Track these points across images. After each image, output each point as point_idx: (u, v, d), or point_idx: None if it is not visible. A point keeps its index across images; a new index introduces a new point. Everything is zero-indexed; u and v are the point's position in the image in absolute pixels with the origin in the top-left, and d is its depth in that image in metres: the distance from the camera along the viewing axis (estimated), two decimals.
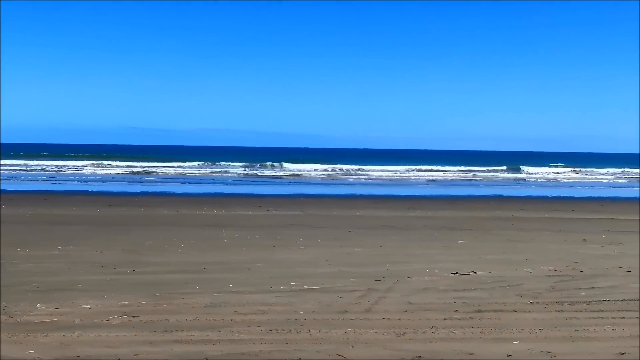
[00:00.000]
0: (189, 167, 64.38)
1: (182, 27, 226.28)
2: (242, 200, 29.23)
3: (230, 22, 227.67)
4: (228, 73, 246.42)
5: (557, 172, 69.67)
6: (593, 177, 64.39)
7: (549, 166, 79.43)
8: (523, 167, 72.50)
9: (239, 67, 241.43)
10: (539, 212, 25.07)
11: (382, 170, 64.06)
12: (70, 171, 57.28)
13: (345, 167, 66.86)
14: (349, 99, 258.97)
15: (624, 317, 8.75)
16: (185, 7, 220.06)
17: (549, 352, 7.20)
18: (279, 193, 34.97)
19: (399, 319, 8.54)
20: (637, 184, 52.55)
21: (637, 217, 23.21)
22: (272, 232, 17.25)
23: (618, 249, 15.32)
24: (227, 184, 43.55)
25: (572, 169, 74.62)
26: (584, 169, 74.68)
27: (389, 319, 8.56)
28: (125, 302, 9.31)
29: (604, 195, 37.32)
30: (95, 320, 8.33)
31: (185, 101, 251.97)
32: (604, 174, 67.50)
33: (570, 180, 58.30)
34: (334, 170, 63.59)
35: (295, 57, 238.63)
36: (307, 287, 10.51)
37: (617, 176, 65.00)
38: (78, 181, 43.15)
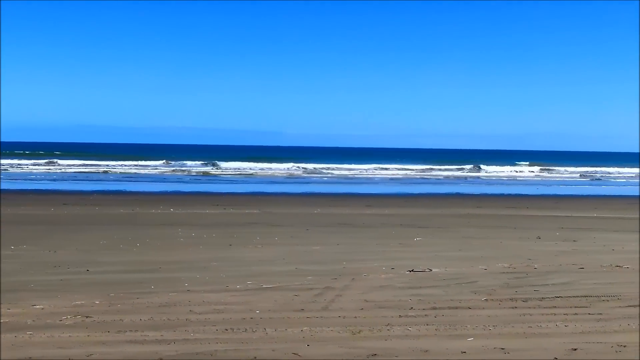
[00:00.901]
0: (147, 165, 63.82)
1: (146, 22, 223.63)
2: (200, 198, 29.10)
3: (190, 20, 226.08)
4: (191, 70, 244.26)
5: (517, 171, 70.20)
6: (557, 175, 65.02)
7: (514, 164, 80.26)
8: (483, 166, 72.99)
9: (202, 64, 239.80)
10: (495, 209, 25.32)
11: (342, 169, 64.17)
12: (23, 169, 56.40)
13: (305, 165, 66.80)
14: (310, 96, 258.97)
15: (576, 314, 8.86)
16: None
17: (503, 349, 7.26)
18: (237, 191, 34.85)
19: (355, 317, 8.55)
20: (601, 182, 53.42)
21: (592, 215, 23.58)
22: (229, 231, 17.17)
23: (572, 245, 15.52)
24: (184, 182, 43.25)
25: (539, 168, 74.91)
26: (553, 167, 75.17)
27: (345, 317, 8.57)
28: (79, 302, 9.20)
29: (560, 193, 37.85)
30: (47, 321, 8.21)
31: (148, 99, 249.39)
32: (570, 173, 68.11)
33: (529, 178, 58.95)
34: (295, 168, 63.48)
35: (256, 54, 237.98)
36: (264, 286, 10.48)
37: (582, 174, 65.75)
38: (32, 180, 42.56)
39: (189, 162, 68.38)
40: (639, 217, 22.10)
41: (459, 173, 63.94)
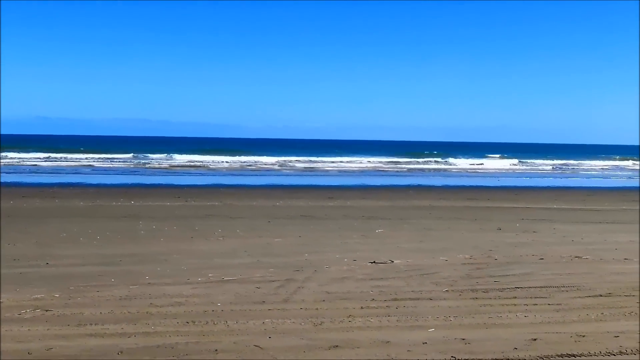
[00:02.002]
0: (110, 158, 63.07)
1: (96, 14, 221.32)
2: (161, 191, 28.84)
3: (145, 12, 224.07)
4: (154, 61, 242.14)
5: (478, 164, 70.37)
6: (526, 167, 65.05)
7: (484, 157, 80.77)
8: (450, 159, 73.25)
9: (161, 54, 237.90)
10: (457, 201, 25.47)
11: (305, 162, 64.08)
12: None
13: (267, 158, 66.49)
14: (268, 87, 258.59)
15: (536, 304, 8.95)
16: None
17: (463, 339, 7.31)
18: (198, 184, 34.63)
19: (317, 309, 8.55)
20: (570, 175, 53.99)
21: (552, 206, 23.83)
22: (190, 223, 17.07)
23: (531, 237, 15.67)
24: (145, 174, 42.91)
25: (510, 160, 74.81)
26: (526, 160, 75.17)
27: (306, 308, 8.57)
28: (38, 296, 9.08)
29: (520, 185, 38.18)
30: (6, 315, 8.09)
31: (106, 89, 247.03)
32: (541, 165, 68.43)
33: (496, 171, 59.12)
34: (257, 161, 63.17)
35: (212, 46, 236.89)
36: (225, 279, 10.44)
37: (555, 167, 66.25)
38: None
39: (151, 155, 67.78)
40: None
41: (424, 165, 64.06)
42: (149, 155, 67.68)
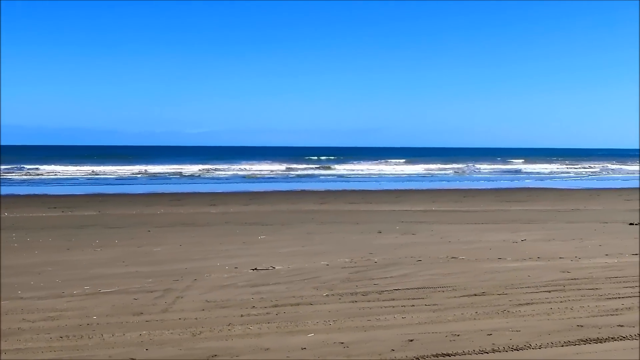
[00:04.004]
0: None
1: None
2: (35, 200, 27.92)
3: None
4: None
5: (368, 168, 71.02)
6: (413, 170, 65.86)
7: (378, 162, 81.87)
8: (337, 165, 73.82)
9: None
10: (338, 205, 25.73)
11: (189, 167, 63.38)
12: None
13: (149, 166, 65.23)
14: (148, 94, 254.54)
15: (413, 305, 9.10)
16: None
17: (342, 343, 7.36)
18: (75, 193, 33.69)
19: (196, 318, 8.44)
20: (464, 177, 55.23)
21: (431, 208, 24.37)
22: (66, 234, 16.57)
23: (411, 238, 15.97)
24: (18, 184, 41.45)
25: (418, 166, 75.48)
26: (433, 165, 75.86)
27: (185, 318, 8.44)
28: None
29: (400, 188, 38.92)
30: None
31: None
32: (445, 170, 69.18)
33: (372, 174, 60.18)
34: (138, 170, 61.83)
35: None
36: (102, 290, 10.16)
37: (456, 170, 67.41)
38: None
39: (27, 166, 65.27)
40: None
41: (313, 171, 63.91)
42: (26, 166, 65.26)
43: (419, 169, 69.02)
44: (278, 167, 66.77)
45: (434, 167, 72.39)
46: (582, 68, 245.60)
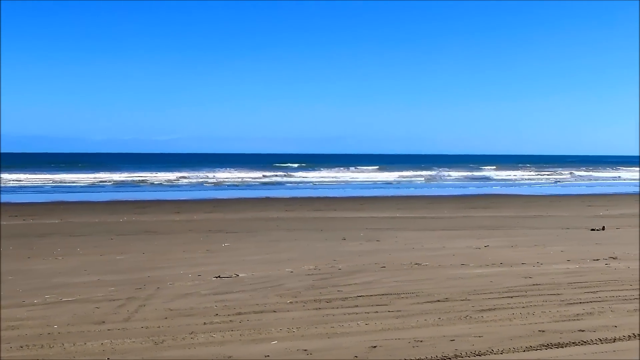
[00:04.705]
0: None
1: None
2: None
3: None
4: None
5: (337, 175, 70.77)
6: (402, 179, 65.80)
7: (348, 169, 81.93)
8: (303, 172, 73.66)
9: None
10: (303, 212, 25.71)
11: (155, 175, 62.95)
12: None
13: (113, 174, 64.57)
14: (115, 100, 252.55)
15: (377, 312, 9.12)
16: None
17: (305, 350, 7.34)
18: (37, 201, 33.32)
19: (159, 327, 8.36)
20: (431, 184, 55.39)
21: (396, 215, 24.45)
22: (27, 242, 16.37)
23: (375, 245, 16.01)
24: None
25: (390, 173, 75.21)
26: (405, 173, 75.37)
27: (148, 327, 8.36)
28: None
29: (366, 195, 39.00)
30: None
31: None
32: (417, 177, 68.92)
33: (340, 181, 60.18)
34: (102, 179, 61.19)
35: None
36: (63, 299, 10.04)
37: (427, 178, 67.38)
38: None
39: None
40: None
41: (280, 179, 63.62)
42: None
43: (389, 175, 69.07)
44: (245, 175, 66.48)
45: (405, 174, 72.46)
46: (559, 74, 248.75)
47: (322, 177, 65.93)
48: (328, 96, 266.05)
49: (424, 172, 75.09)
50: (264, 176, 65.46)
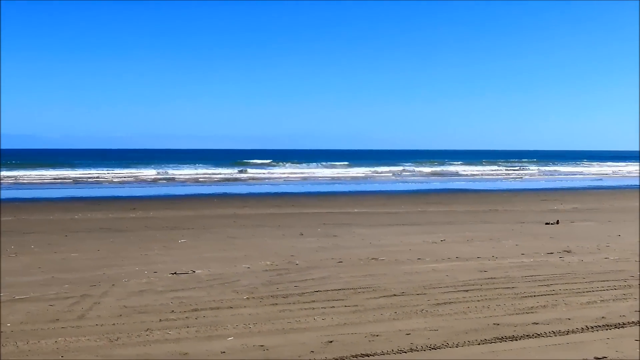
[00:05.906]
0: None
1: None
2: None
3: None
4: None
5: (302, 171, 70.54)
6: (368, 175, 65.73)
7: (315, 165, 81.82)
8: (263, 169, 73.22)
9: None
10: (261, 208, 25.66)
11: (111, 171, 62.25)
12: None
13: (69, 171, 63.68)
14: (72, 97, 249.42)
15: (333, 307, 9.13)
16: None
17: (262, 346, 7.33)
18: None
19: (113, 324, 8.28)
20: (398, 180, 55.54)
21: (354, 210, 24.52)
22: None
23: (332, 241, 16.03)
24: None
25: (359, 169, 74.88)
26: (376, 169, 75.45)
27: (102, 324, 8.28)
28: None
29: (325, 191, 39.03)
30: None
31: None
32: (384, 173, 68.71)
33: (304, 177, 60.08)
34: (60, 175, 60.27)
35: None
36: (16, 298, 9.89)
37: (395, 174, 67.41)
38: None
39: None
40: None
41: (238, 175, 63.22)
42: None
43: (357, 172, 68.93)
44: (204, 171, 66.01)
45: (373, 170, 72.63)
46: (539, 68, 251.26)
47: (287, 174, 65.73)
48: (303, 93, 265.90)
49: (392, 168, 75.23)
50: (224, 173, 65.07)
